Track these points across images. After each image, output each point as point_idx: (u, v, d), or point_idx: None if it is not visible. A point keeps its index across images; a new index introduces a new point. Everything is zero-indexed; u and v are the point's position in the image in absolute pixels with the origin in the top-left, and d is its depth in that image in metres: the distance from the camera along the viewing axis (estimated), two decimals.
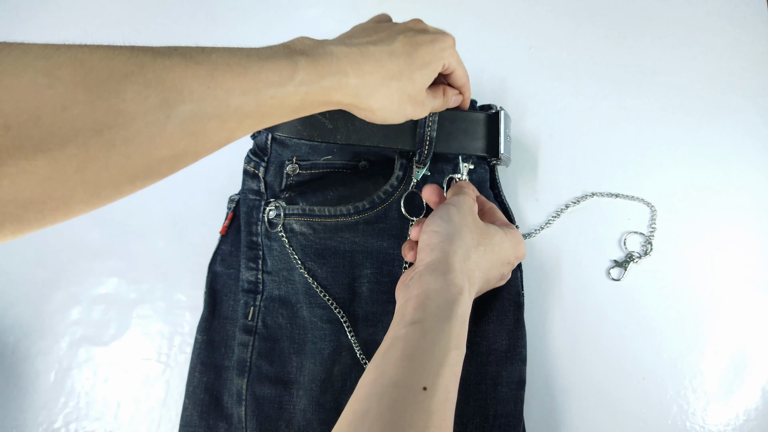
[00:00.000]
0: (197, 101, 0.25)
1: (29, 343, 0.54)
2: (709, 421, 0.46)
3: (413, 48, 0.36)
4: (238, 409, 0.45)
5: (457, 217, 0.37)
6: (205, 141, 0.27)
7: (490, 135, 0.45)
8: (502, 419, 0.42)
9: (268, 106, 0.29)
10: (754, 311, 0.48)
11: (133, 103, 0.23)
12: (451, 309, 0.32)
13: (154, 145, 0.24)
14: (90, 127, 0.22)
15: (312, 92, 0.30)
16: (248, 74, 0.27)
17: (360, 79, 0.32)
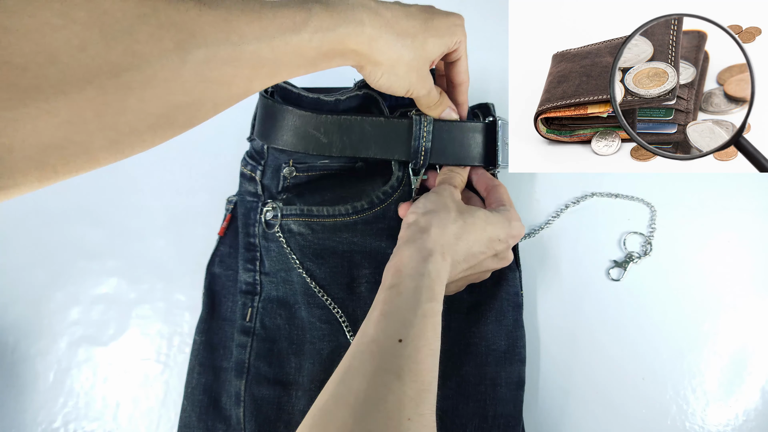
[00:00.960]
0: (212, 45, 0.25)
1: (28, 342, 0.54)
2: (709, 422, 0.46)
3: (429, 15, 0.36)
4: (237, 410, 0.45)
5: (434, 197, 0.39)
6: (222, 89, 0.27)
7: (488, 145, 0.45)
8: (501, 420, 0.42)
9: (282, 53, 0.29)
10: (754, 311, 0.48)
11: (147, 44, 0.23)
12: (424, 267, 0.34)
13: (170, 89, 0.24)
14: (107, 69, 0.22)
15: (327, 40, 0.30)
16: (262, 19, 0.27)
17: (376, 30, 0.32)
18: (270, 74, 0.30)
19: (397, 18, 0.34)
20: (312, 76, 0.59)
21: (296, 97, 0.44)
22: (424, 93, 0.39)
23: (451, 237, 0.37)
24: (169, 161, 0.57)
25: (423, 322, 0.32)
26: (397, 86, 0.37)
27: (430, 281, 0.34)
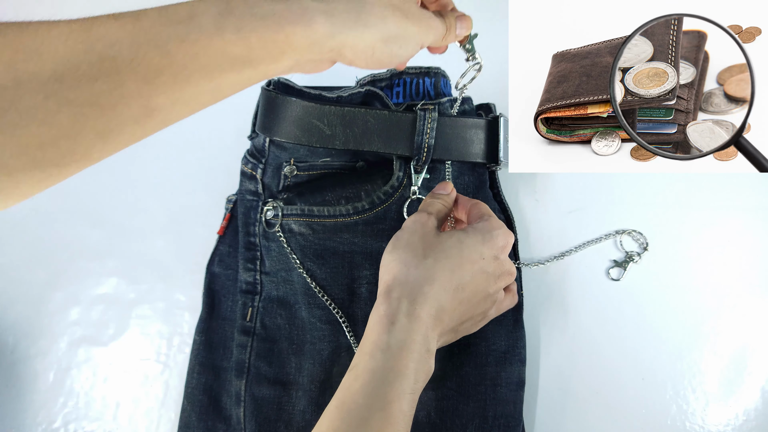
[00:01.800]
0: (61, 60, 0.21)
1: (28, 343, 0.54)
2: (709, 422, 0.46)
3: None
4: (237, 410, 0.45)
5: (400, 242, 0.35)
6: (103, 112, 0.22)
7: (490, 141, 0.45)
8: (502, 420, 0.42)
9: (181, 54, 0.23)
10: (754, 311, 0.48)
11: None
12: (386, 338, 0.30)
13: (9, 116, 0.21)
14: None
15: (248, 27, 0.24)
16: (140, 20, 0.23)
17: (324, 3, 0.26)
18: (175, 86, 0.24)
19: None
20: (311, 76, 0.59)
21: (297, 92, 0.44)
22: (433, 36, 0.33)
23: (421, 283, 0.32)
24: (168, 160, 0.57)
25: (384, 415, 0.27)
26: (400, 50, 0.31)
27: (393, 356, 0.29)
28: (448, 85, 0.47)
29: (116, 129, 0.23)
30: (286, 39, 0.25)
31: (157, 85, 0.23)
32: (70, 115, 0.21)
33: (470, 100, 0.47)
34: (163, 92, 0.23)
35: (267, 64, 0.25)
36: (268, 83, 0.46)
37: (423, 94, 0.46)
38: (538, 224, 0.51)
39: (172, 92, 0.23)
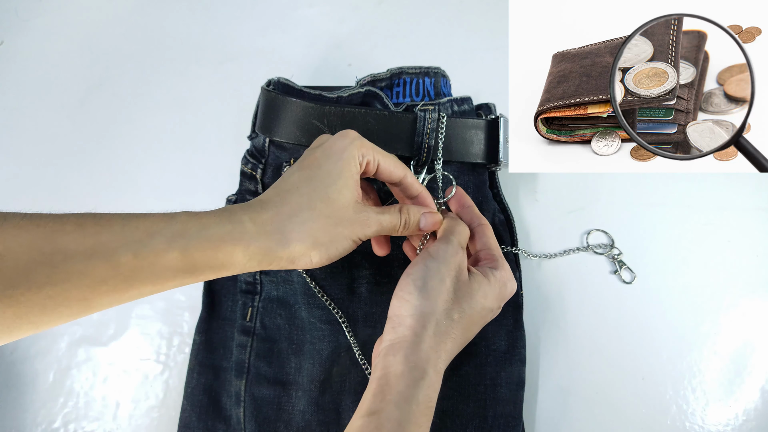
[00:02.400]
0: (22, 271, 0.22)
1: (28, 343, 0.54)
2: (709, 421, 0.46)
3: (318, 172, 0.32)
4: (237, 410, 0.45)
5: (432, 281, 0.32)
6: (43, 312, 0.24)
7: (490, 141, 0.45)
8: (502, 420, 0.42)
9: (128, 267, 0.24)
10: (754, 311, 0.48)
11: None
12: (412, 395, 0.29)
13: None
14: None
15: (193, 248, 0.26)
16: (102, 233, 0.24)
17: (259, 226, 0.28)
18: (117, 291, 0.25)
19: (284, 199, 0.30)
20: (311, 76, 0.60)
21: (298, 93, 0.44)
22: (372, 230, 0.33)
23: (444, 337, 0.32)
24: (168, 161, 0.57)
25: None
26: (338, 250, 0.32)
27: (419, 409, 0.29)
28: (448, 85, 0.47)
29: (52, 322, 0.25)
30: (225, 258, 0.28)
31: (100, 291, 0.24)
32: (13, 315, 0.23)
33: (470, 100, 0.47)
34: (105, 296, 0.25)
35: (208, 274, 0.28)
36: (268, 83, 0.46)
37: (423, 94, 0.46)
38: (538, 224, 0.51)
39: (112, 296, 0.25)
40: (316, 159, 0.32)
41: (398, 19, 0.61)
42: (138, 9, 0.64)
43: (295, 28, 0.61)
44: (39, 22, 0.64)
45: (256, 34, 0.62)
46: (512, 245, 0.47)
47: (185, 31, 0.62)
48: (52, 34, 0.64)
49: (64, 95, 0.61)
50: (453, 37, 0.59)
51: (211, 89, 0.60)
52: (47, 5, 0.65)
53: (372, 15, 0.61)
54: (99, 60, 0.62)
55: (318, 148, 0.34)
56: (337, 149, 0.32)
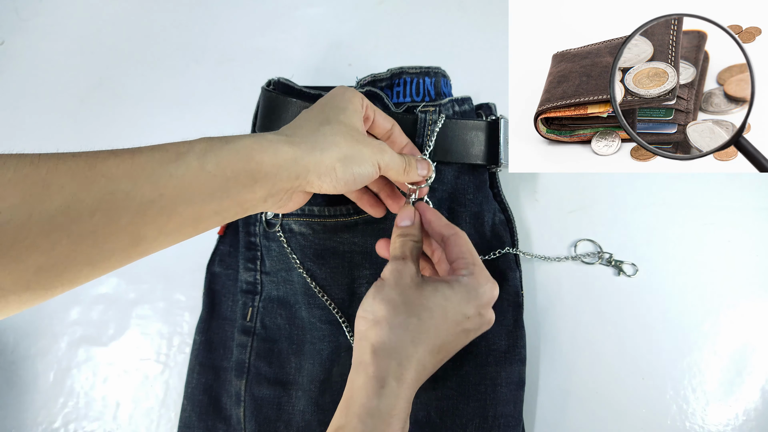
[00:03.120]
0: (68, 193, 0.23)
1: (29, 343, 0.54)
2: (709, 421, 0.46)
3: (325, 105, 0.35)
4: (237, 410, 0.45)
5: (381, 295, 0.33)
6: (95, 245, 0.24)
7: (490, 142, 0.45)
8: (502, 420, 0.42)
9: (169, 187, 0.25)
10: (754, 311, 0.48)
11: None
12: (374, 406, 0.29)
13: (15, 251, 0.22)
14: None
15: (225, 160, 0.27)
16: (137, 156, 0.25)
17: (284, 137, 0.30)
18: (162, 217, 0.26)
19: (300, 121, 0.33)
20: (311, 76, 0.60)
21: (298, 93, 0.44)
22: (388, 158, 0.35)
23: (406, 345, 0.31)
24: None
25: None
26: (360, 169, 0.33)
27: (382, 422, 0.29)
28: (448, 85, 0.47)
29: (105, 258, 0.25)
30: (256, 167, 0.28)
31: (147, 217, 0.25)
32: (68, 246, 0.23)
33: (470, 100, 0.47)
34: (152, 223, 0.25)
35: (242, 194, 0.28)
36: (268, 83, 0.46)
37: (423, 94, 0.46)
38: (538, 224, 0.51)
39: (159, 224, 0.26)
40: (323, 99, 0.35)
41: (398, 19, 0.61)
42: (138, 9, 0.64)
43: (296, 28, 0.61)
44: (39, 22, 0.64)
45: (256, 34, 0.62)
46: (512, 245, 0.47)
47: (185, 31, 0.62)
48: (52, 34, 0.64)
49: (64, 95, 0.61)
50: (453, 37, 0.59)
51: (211, 89, 0.60)
52: (47, 5, 0.65)
53: (372, 15, 0.61)
54: (99, 60, 0.62)
55: (322, 97, 0.36)
56: (340, 90, 0.35)
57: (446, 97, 0.46)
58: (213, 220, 0.29)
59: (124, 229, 0.24)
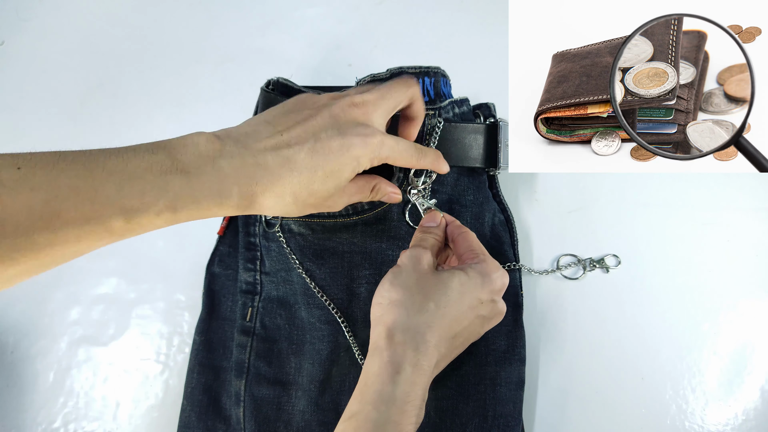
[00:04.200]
0: (23, 235, 0.24)
1: (29, 343, 0.54)
2: (708, 421, 0.46)
3: (321, 158, 0.31)
4: (237, 410, 0.45)
5: (398, 281, 0.34)
6: (40, 267, 0.26)
7: (489, 146, 0.45)
8: (501, 420, 0.42)
9: (121, 230, 0.26)
10: (754, 311, 0.48)
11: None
12: (388, 393, 0.29)
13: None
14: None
15: (181, 215, 0.27)
16: (97, 200, 0.25)
17: (244, 200, 0.29)
18: (107, 243, 0.27)
19: (278, 178, 0.30)
20: (311, 77, 0.60)
21: (297, 93, 0.44)
22: (340, 208, 0.36)
23: (423, 331, 0.31)
24: None
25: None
26: (300, 215, 0.34)
27: (397, 409, 0.29)
28: (448, 85, 0.47)
29: (44, 270, 0.27)
30: (207, 213, 0.29)
31: (94, 247, 0.27)
32: (15, 272, 0.25)
33: (467, 101, 0.47)
34: (97, 249, 0.27)
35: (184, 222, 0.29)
36: (267, 84, 0.46)
37: (423, 94, 0.46)
38: (538, 224, 0.51)
39: (101, 246, 0.27)
40: (329, 151, 0.31)
41: (398, 19, 0.61)
42: (138, 9, 0.64)
43: (295, 28, 0.61)
44: (39, 22, 0.64)
45: (256, 34, 0.61)
46: (512, 246, 0.47)
47: (185, 31, 0.62)
48: (52, 34, 0.64)
49: (64, 95, 0.61)
50: (453, 37, 0.59)
51: (211, 89, 0.60)
52: (47, 5, 0.65)
53: (372, 15, 0.61)
54: (99, 60, 0.62)
55: (336, 138, 0.32)
56: (353, 156, 0.32)
57: (446, 98, 0.46)
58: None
59: (71, 255, 0.27)
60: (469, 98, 0.48)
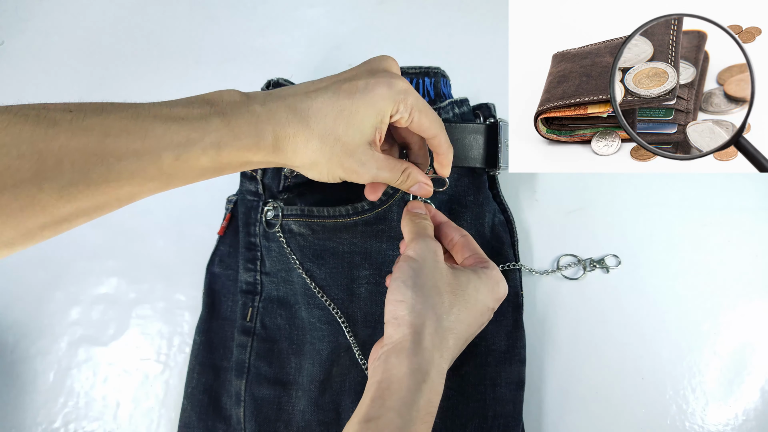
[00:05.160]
0: (79, 171, 0.25)
1: (29, 342, 0.54)
2: (708, 421, 0.46)
3: (347, 99, 0.31)
4: (237, 410, 0.45)
5: (422, 278, 0.32)
6: (97, 207, 0.27)
7: (489, 146, 0.45)
8: (501, 420, 0.42)
9: (171, 168, 0.27)
10: (754, 311, 0.48)
11: (3, 176, 0.23)
12: (413, 400, 0.28)
13: (26, 214, 0.24)
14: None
15: (224, 154, 0.29)
16: (147, 138, 0.26)
17: (279, 142, 0.30)
18: (159, 187, 0.28)
19: (306, 120, 0.31)
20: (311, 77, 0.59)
21: None
22: (365, 179, 0.34)
23: (446, 334, 0.31)
24: None
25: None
26: (329, 178, 0.34)
27: (419, 416, 0.28)
28: (448, 85, 0.47)
29: (102, 213, 0.28)
30: (247, 158, 0.30)
31: (146, 188, 0.28)
32: (72, 210, 0.26)
33: (467, 101, 0.47)
34: (149, 191, 0.28)
35: (229, 171, 0.31)
36: (267, 84, 0.46)
37: (423, 94, 0.46)
38: (538, 224, 0.51)
39: (154, 191, 0.29)
40: (356, 90, 0.32)
41: (398, 19, 0.61)
42: (138, 9, 0.64)
43: (295, 28, 0.61)
44: (39, 22, 0.64)
45: (256, 34, 0.62)
46: (512, 246, 0.47)
47: (185, 32, 0.62)
48: (52, 34, 0.64)
49: (64, 95, 0.61)
50: (453, 37, 0.59)
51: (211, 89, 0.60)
52: (47, 5, 0.65)
53: (372, 15, 0.61)
54: (99, 60, 0.62)
55: (364, 78, 0.32)
56: (377, 95, 0.32)
57: (446, 98, 0.46)
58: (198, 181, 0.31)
59: (125, 195, 0.27)
60: (470, 98, 0.48)
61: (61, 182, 0.24)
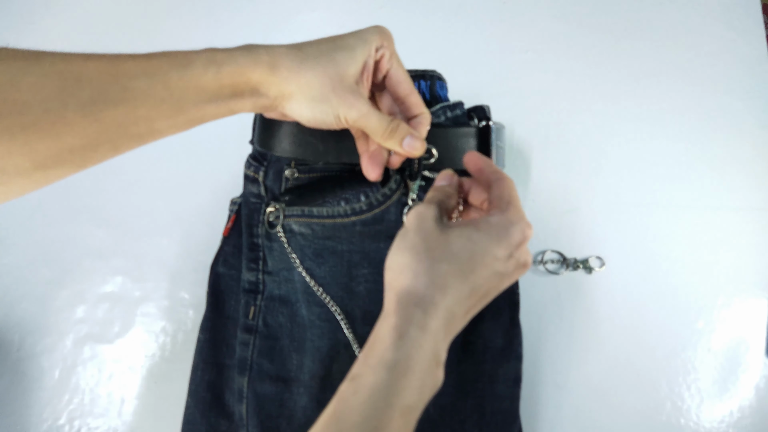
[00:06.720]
0: (96, 86, 0.27)
1: (34, 340, 0.54)
2: (703, 418, 0.47)
3: (338, 36, 0.35)
4: (240, 406, 0.46)
5: (405, 242, 0.32)
6: (119, 130, 0.28)
7: (481, 149, 0.45)
8: (499, 416, 0.43)
9: (178, 88, 0.29)
10: (748, 309, 0.49)
11: (29, 93, 0.25)
12: (391, 358, 0.28)
13: (55, 131, 0.26)
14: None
15: (224, 72, 0.31)
16: (152, 59, 0.29)
17: (275, 58, 0.33)
18: (173, 112, 0.30)
19: (300, 48, 0.34)
20: None
21: None
22: (356, 115, 0.34)
23: (432, 293, 0.30)
24: (173, 162, 0.58)
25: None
26: (323, 115, 0.34)
27: (399, 374, 0.27)
28: (444, 87, 0.48)
29: (126, 143, 0.30)
30: (245, 83, 0.32)
31: (160, 110, 0.30)
32: (97, 130, 0.28)
33: (461, 105, 0.48)
34: (164, 117, 0.30)
35: (233, 101, 0.33)
36: None
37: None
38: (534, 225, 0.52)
39: (169, 117, 0.30)
40: (341, 35, 0.36)
41: (398, 24, 0.61)
42: (140, 11, 0.64)
43: (297, 32, 0.62)
44: (39, 22, 0.65)
45: (258, 39, 0.61)
46: None
47: (187, 36, 0.63)
48: (53, 34, 0.64)
49: None
50: (452, 42, 0.60)
51: None
52: (47, 5, 0.65)
53: (372, 19, 0.61)
54: None
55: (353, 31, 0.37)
56: (365, 31, 0.36)
57: (441, 101, 0.47)
58: (210, 118, 0.33)
59: (142, 119, 0.29)
60: (470, 100, 0.49)
61: (82, 98, 0.26)
